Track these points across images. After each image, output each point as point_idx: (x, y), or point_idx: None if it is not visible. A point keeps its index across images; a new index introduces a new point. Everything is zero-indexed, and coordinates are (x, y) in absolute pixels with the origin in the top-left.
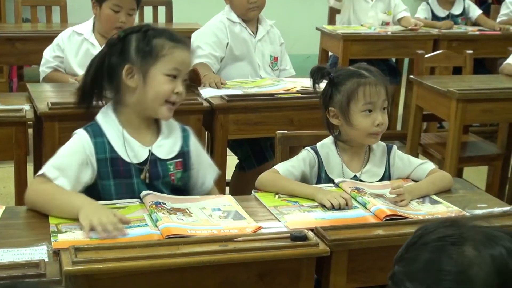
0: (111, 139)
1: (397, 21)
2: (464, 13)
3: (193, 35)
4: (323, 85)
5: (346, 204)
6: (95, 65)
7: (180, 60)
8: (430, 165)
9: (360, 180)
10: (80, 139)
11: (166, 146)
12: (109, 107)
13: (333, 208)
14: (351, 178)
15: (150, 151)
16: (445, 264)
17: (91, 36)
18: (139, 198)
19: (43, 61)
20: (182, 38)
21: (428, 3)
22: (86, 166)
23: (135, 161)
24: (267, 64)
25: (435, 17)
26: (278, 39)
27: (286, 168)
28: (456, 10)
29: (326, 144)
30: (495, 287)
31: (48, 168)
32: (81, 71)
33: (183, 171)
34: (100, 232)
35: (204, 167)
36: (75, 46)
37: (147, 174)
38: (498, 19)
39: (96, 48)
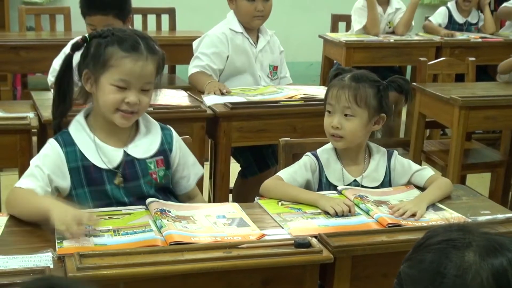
0: (82, 147)
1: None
2: (478, 22)
3: (194, 43)
4: None
5: (349, 211)
6: (62, 70)
7: (127, 71)
8: (428, 172)
9: (361, 185)
10: (52, 149)
11: (143, 145)
12: (80, 115)
13: (336, 215)
14: (351, 183)
15: (125, 152)
16: (444, 266)
17: None
18: (115, 204)
19: (51, 69)
20: (137, 47)
21: (447, 8)
22: (58, 175)
23: (109, 166)
24: (266, 75)
25: (453, 22)
26: (277, 48)
27: (290, 175)
28: (473, 19)
29: (326, 149)
30: None
31: (20, 181)
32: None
33: (165, 168)
34: (67, 236)
35: (188, 166)
36: (78, 56)
37: (121, 179)
38: (501, 6)
39: None
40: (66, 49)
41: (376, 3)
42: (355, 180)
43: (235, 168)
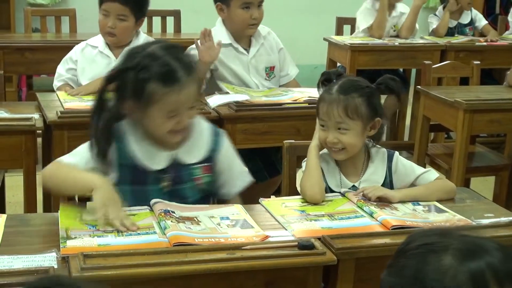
0: (132, 145)
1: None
2: (471, 22)
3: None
4: None
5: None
6: (99, 102)
7: (174, 104)
8: (433, 174)
9: None
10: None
11: (192, 151)
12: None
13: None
14: (349, 189)
15: (172, 155)
16: (422, 271)
17: (105, 48)
18: (149, 205)
19: (56, 75)
20: (176, 77)
21: (435, 15)
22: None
23: (154, 168)
24: (264, 78)
25: None
26: (275, 46)
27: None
28: (464, 19)
29: (323, 155)
30: None
31: (63, 156)
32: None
33: (211, 175)
34: (101, 225)
35: (234, 174)
36: (89, 59)
37: (169, 183)
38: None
39: (112, 60)
40: (70, 54)
41: (387, 7)
42: (353, 186)
43: None
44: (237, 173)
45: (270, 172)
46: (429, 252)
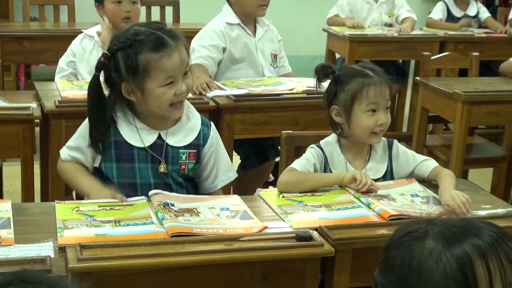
0: (118, 122)
1: (400, 22)
2: (477, 15)
3: (192, 42)
4: (325, 84)
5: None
6: (93, 90)
7: (169, 68)
8: (433, 162)
9: None
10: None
11: (179, 134)
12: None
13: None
14: None
15: (160, 135)
16: (406, 258)
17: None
18: (140, 184)
19: (57, 69)
20: (163, 42)
21: (444, 2)
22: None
23: (140, 145)
24: (269, 63)
25: (451, 16)
26: (276, 37)
27: (303, 166)
28: (471, 11)
29: (330, 142)
30: (457, 282)
31: (64, 150)
32: (89, 76)
33: (195, 162)
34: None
35: (219, 168)
36: (87, 50)
37: (165, 166)
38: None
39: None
40: (71, 47)
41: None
42: None
43: (237, 160)
44: (222, 168)
45: (260, 159)
46: (412, 239)
